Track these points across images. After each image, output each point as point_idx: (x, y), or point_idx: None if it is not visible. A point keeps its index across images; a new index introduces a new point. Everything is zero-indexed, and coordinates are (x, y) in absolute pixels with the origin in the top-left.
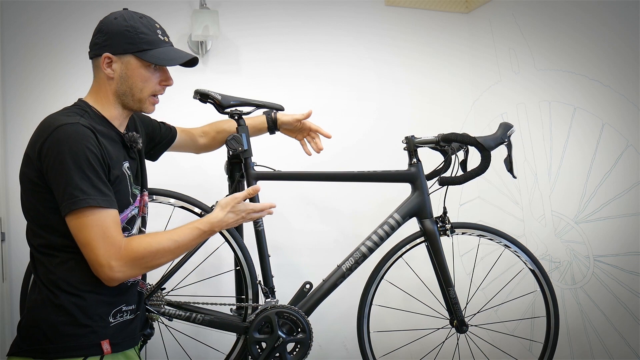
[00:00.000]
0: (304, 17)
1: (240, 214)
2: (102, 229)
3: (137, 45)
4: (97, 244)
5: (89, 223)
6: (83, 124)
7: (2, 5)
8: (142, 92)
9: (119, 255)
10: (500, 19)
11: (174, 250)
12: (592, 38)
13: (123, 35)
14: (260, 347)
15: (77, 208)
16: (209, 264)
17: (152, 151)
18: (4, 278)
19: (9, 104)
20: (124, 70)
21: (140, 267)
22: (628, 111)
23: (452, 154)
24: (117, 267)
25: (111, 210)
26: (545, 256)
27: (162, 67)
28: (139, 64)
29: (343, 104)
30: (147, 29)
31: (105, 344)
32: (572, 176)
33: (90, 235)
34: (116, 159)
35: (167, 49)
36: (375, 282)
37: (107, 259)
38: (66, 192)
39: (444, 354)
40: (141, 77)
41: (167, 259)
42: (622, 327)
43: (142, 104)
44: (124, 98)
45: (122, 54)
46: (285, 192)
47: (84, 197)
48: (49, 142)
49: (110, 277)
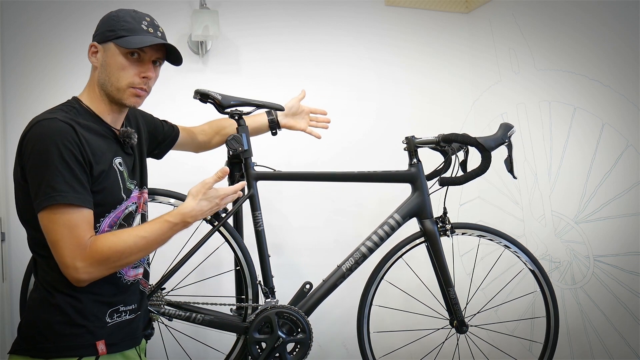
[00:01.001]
0: (304, 17)
1: (213, 201)
2: (69, 228)
3: (116, 32)
4: (63, 243)
5: (57, 221)
6: (61, 119)
7: (2, 5)
8: (119, 80)
9: (84, 256)
10: (500, 19)
11: (142, 247)
12: (592, 38)
13: (107, 23)
14: (260, 347)
15: (48, 205)
16: (209, 264)
17: (157, 150)
18: (4, 278)
19: (9, 104)
20: (104, 57)
21: (107, 267)
22: (628, 111)
23: (452, 154)
24: (82, 269)
25: (83, 208)
26: (545, 256)
27: (144, 59)
28: (117, 51)
29: (343, 104)
30: (132, 19)
31: (101, 345)
32: (572, 176)
33: (57, 235)
34: (102, 154)
35: (143, 37)
36: (375, 283)
37: (72, 259)
38: (40, 188)
39: (444, 354)
40: (118, 65)
41: (136, 256)
42: (622, 327)
43: (122, 94)
44: (104, 88)
45: (104, 42)
46: (285, 192)
47: (54, 194)
48: (27, 138)
49: (76, 279)
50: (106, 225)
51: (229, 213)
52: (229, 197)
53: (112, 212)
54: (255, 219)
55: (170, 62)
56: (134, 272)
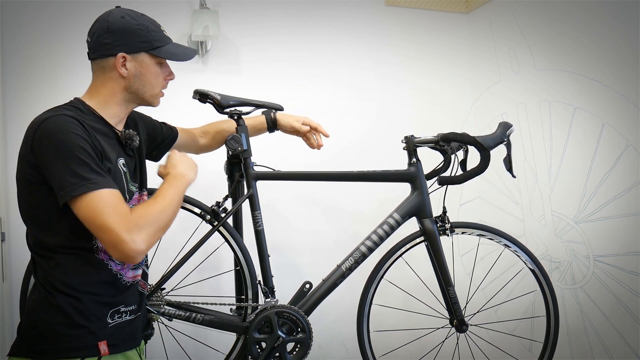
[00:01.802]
0: (304, 17)
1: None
2: (112, 208)
3: (150, 43)
4: (112, 222)
5: (97, 205)
6: (68, 115)
7: (2, 5)
8: (154, 87)
9: (134, 226)
10: (500, 19)
11: (170, 200)
12: (592, 38)
13: (137, 34)
14: (260, 347)
15: (81, 193)
16: (209, 264)
17: (155, 152)
18: (4, 278)
19: (9, 104)
20: (138, 68)
21: (155, 229)
22: (628, 111)
23: (451, 153)
24: (139, 239)
25: (114, 189)
26: (545, 256)
27: (165, 62)
28: (152, 61)
29: (343, 104)
30: (154, 26)
31: (103, 345)
32: (572, 176)
33: (102, 216)
34: (109, 153)
35: (175, 45)
36: (375, 282)
37: (128, 233)
38: (65, 180)
39: (444, 354)
40: (154, 74)
41: (171, 211)
42: (622, 327)
43: (155, 99)
44: (135, 95)
45: (136, 52)
46: (285, 192)
47: (84, 183)
48: (38, 136)
49: (135, 251)
50: None
51: (229, 213)
52: None
53: None
54: (254, 219)
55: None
56: (133, 273)
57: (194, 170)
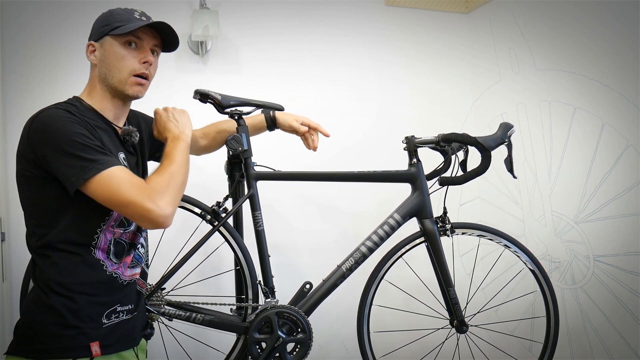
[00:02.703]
0: (304, 17)
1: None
2: (129, 182)
3: (110, 25)
4: (133, 194)
5: (114, 183)
6: (61, 107)
7: (2, 5)
8: (121, 71)
9: (155, 192)
10: (500, 19)
11: (178, 166)
12: (592, 38)
13: (100, 20)
14: (260, 347)
15: (92, 175)
16: (209, 264)
17: (158, 153)
18: (4, 278)
19: (9, 104)
20: (102, 52)
21: (174, 191)
22: (628, 111)
23: (452, 154)
24: (163, 204)
25: (121, 166)
26: (545, 256)
27: (141, 47)
28: (113, 42)
29: (343, 104)
30: (124, 11)
31: (95, 346)
32: (572, 176)
33: (121, 191)
34: (108, 145)
35: (137, 23)
36: (376, 282)
37: (151, 200)
38: (72, 167)
39: (444, 354)
40: (117, 56)
41: (183, 171)
42: (622, 327)
43: (124, 85)
44: (105, 81)
45: (100, 38)
46: (285, 192)
47: (94, 165)
48: (33, 129)
49: (164, 216)
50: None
51: (229, 213)
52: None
53: (114, 212)
54: (255, 219)
55: (167, 49)
56: (131, 272)
57: (188, 125)
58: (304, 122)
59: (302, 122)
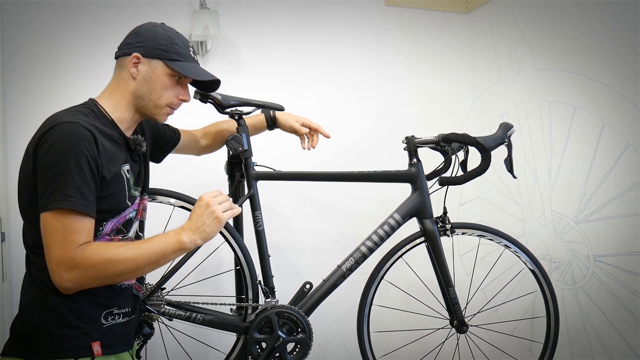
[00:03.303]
0: (304, 17)
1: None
2: (64, 234)
3: (169, 53)
4: (54, 247)
5: (56, 225)
6: (83, 124)
7: (2, 5)
8: (161, 99)
9: (70, 263)
10: (500, 19)
11: (131, 257)
12: (592, 38)
13: (159, 41)
14: (260, 347)
15: (54, 208)
16: (209, 264)
17: (157, 154)
18: (4, 278)
19: (9, 104)
20: (149, 72)
21: (93, 276)
22: (628, 111)
23: (452, 154)
24: (67, 277)
25: (86, 217)
26: (545, 256)
27: (183, 82)
28: (165, 71)
29: (343, 104)
30: (182, 42)
31: (96, 346)
32: (572, 176)
33: (51, 238)
34: (114, 161)
35: (195, 65)
36: (376, 282)
37: (58, 266)
38: (48, 189)
39: (444, 354)
40: (163, 84)
41: (124, 267)
42: (622, 327)
43: (158, 111)
44: (140, 100)
45: (152, 57)
46: (285, 192)
47: (62, 198)
48: (45, 138)
49: (59, 286)
50: (108, 229)
51: None
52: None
53: (115, 218)
54: (255, 219)
55: (198, 87)
56: None
57: (207, 233)
58: (304, 123)
59: (303, 123)
